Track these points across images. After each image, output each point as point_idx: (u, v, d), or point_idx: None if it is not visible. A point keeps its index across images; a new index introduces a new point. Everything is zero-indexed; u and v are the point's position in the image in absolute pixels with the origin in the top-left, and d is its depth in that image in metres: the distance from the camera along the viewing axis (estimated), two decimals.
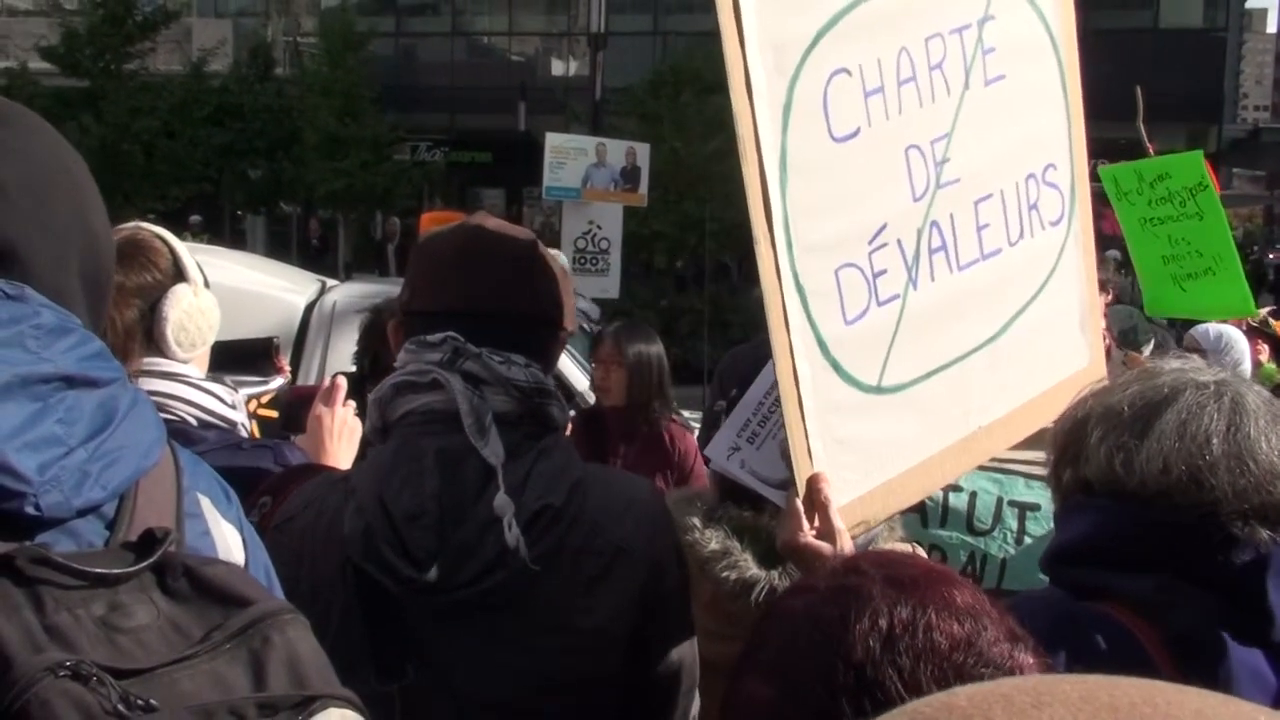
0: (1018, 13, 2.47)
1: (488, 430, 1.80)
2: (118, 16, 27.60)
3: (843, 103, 2.12)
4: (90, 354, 1.24)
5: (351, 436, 2.57)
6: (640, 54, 23.67)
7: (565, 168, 11.75)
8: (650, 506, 1.96)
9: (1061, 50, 2.59)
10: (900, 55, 2.21)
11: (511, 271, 1.93)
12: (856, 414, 2.18)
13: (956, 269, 2.35)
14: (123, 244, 2.24)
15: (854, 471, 2.18)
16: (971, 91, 2.35)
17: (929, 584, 1.17)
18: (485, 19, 35.02)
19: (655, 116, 21.33)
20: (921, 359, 2.29)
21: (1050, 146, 2.59)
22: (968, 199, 2.37)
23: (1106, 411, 1.75)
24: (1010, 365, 2.47)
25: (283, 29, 34.01)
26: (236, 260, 6.58)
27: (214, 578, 1.19)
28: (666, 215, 20.64)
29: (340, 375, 2.74)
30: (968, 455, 2.43)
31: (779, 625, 1.22)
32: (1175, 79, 19.43)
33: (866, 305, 2.19)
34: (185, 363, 2.26)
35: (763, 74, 2.01)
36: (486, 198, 32.79)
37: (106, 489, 1.20)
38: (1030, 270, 2.54)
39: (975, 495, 3.25)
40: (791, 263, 2.06)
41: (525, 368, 1.88)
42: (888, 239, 2.21)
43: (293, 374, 5.26)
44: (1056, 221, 2.60)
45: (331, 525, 1.82)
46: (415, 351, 1.88)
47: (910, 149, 2.25)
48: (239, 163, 28.78)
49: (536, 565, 1.77)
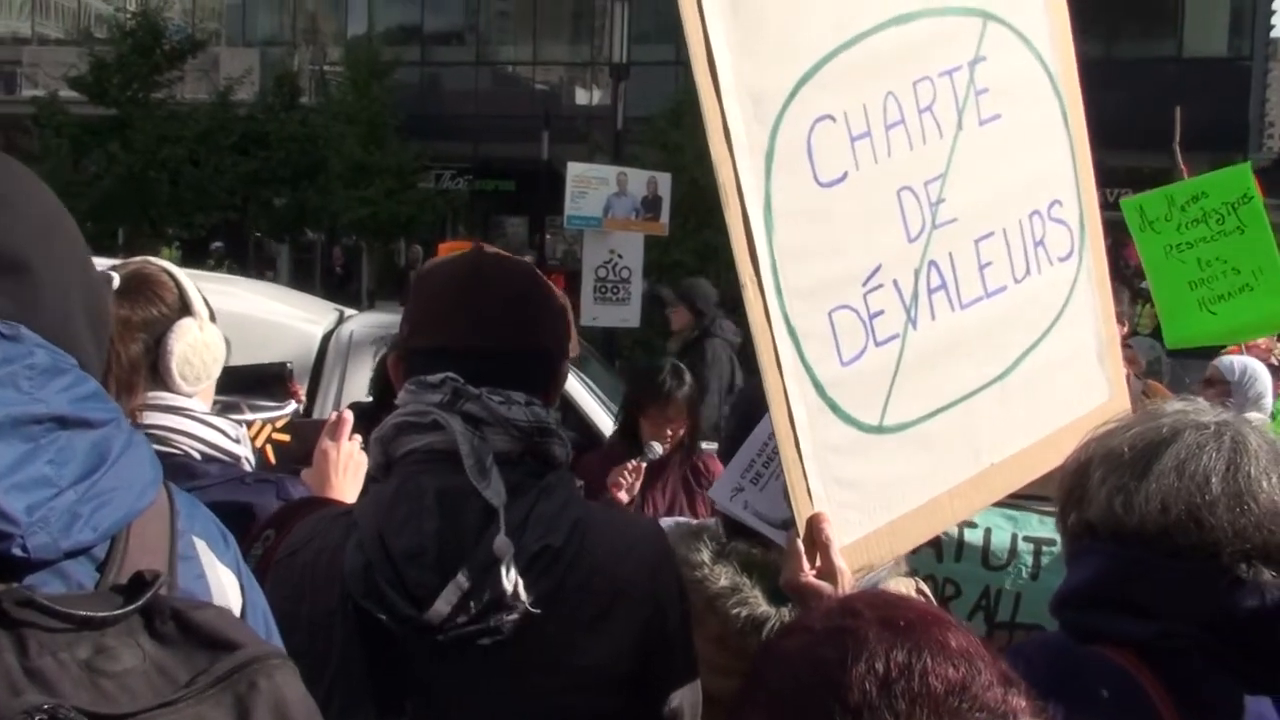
0: (1011, 53, 2.46)
1: (489, 471, 1.79)
2: (146, 46, 27.95)
3: (828, 148, 2.11)
4: (84, 394, 1.23)
5: (357, 470, 2.56)
6: (662, 84, 23.69)
7: (587, 197, 11.77)
8: (652, 546, 1.94)
9: (1062, 88, 2.57)
10: (887, 99, 2.20)
11: (509, 310, 1.91)
12: (857, 454, 2.17)
13: (959, 307, 2.33)
14: (129, 278, 2.25)
15: (857, 511, 2.16)
16: (965, 132, 2.33)
17: (924, 627, 1.17)
18: (509, 48, 35.28)
19: (676, 146, 21.38)
20: (925, 397, 2.27)
21: (1054, 183, 2.57)
22: (967, 238, 2.35)
23: (1108, 454, 1.74)
24: (1022, 401, 2.44)
25: (309, 58, 34.35)
26: (253, 289, 6.60)
27: (203, 622, 1.18)
28: (687, 244, 20.64)
29: (347, 409, 2.73)
30: (979, 493, 2.41)
31: (776, 666, 1.22)
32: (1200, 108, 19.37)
33: (864, 346, 2.17)
34: (190, 396, 2.26)
35: (741, 123, 2.00)
36: (509, 226, 32.97)
37: (97, 531, 1.19)
38: (1040, 306, 2.52)
39: (990, 531, 3.23)
40: (782, 306, 2.04)
41: (526, 406, 1.87)
42: (883, 280, 2.20)
43: (308, 404, 5.26)
44: (1066, 257, 2.57)
45: (333, 560, 1.81)
46: (415, 392, 1.87)
47: (903, 190, 2.23)
48: (264, 190, 29.03)
49: (536, 607, 1.76)
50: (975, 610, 3.18)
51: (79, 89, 28.15)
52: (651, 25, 27.68)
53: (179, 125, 27.77)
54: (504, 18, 35.98)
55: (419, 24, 34.73)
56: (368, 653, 1.77)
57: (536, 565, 1.78)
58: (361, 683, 1.76)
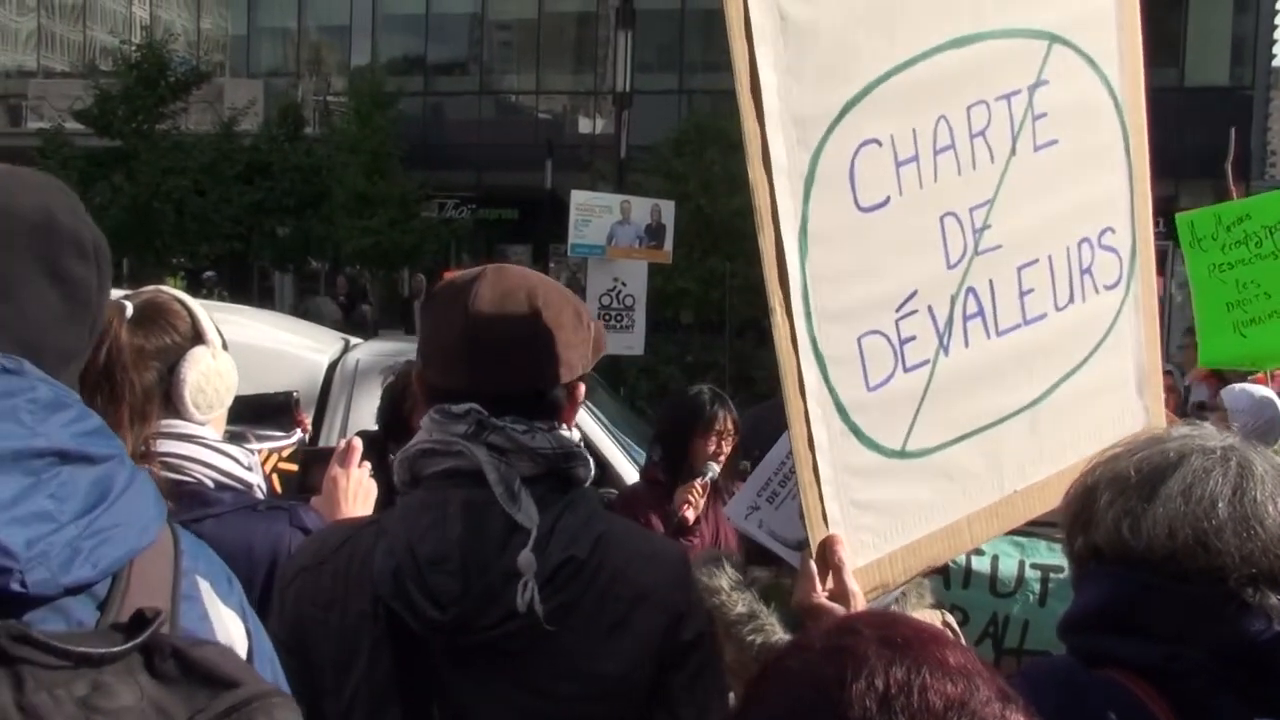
0: (1077, 76, 2.43)
1: (518, 495, 1.83)
2: (151, 78, 28.06)
3: (871, 173, 2.10)
4: (87, 430, 1.23)
5: (367, 498, 2.57)
6: (665, 112, 23.84)
7: (590, 225, 11.78)
8: (673, 559, 1.98)
9: (1127, 112, 2.54)
10: (938, 124, 2.19)
11: (517, 356, 1.91)
12: (877, 478, 2.17)
13: (995, 334, 2.32)
14: (142, 307, 2.26)
15: (873, 534, 2.17)
16: (1019, 158, 2.31)
17: (922, 644, 1.18)
18: (513, 78, 35.43)
19: (680, 174, 21.45)
20: (951, 424, 2.26)
21: (1109, 210, 2.54)
22: (1010, 264, 2.34)
23: (1114, 477, 1.74)
24: (1053, 429, 2.43)
25: (313, 88, 34.49)
26: (259, 318, 6.61)
27: (202, 659, 1.18)
28: (691, 272, 20.70)
29: (357, 436, 2.74)
30: (999, 519, 2.40)
31: (776, 685, 1.23)
32: (1202, 136, 19.40)
33: (892, 372, 2.17)
34: (203, 424, 2.27)
35: (783, 148, 1.99)
36: (513, 254, 32.97)
37: (97, 567, 1.19)
38: (1081, 334, 2.50)
39: (998, 558, 3.24)
40: (810, 330, 2.05)
41: (549, 433, 1.90)
42: (918, 306, 2.19)
43: (314, 432, 5.26)
44: (1113, 285, 2.55)
45: (363, 566, 1.86)
46: (440, 422, 1.90)
47: (946, 216, 2.22)
48: (268, 220, 29.09)
49: (555, 620, 1.79)
50: (983, 637, 3.18)
51: (84, 121, 28.27)
52: (654, 55, 27.83)
53: (183, 156, 27.85)
54: (507, 48, 36.15)
55: (422, 54, 34.90)
56: (396, 655, 1.81)
57: (560, 575, 1.81)
58: (388, 685, 1.81)
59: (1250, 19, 29.42)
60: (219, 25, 38.76)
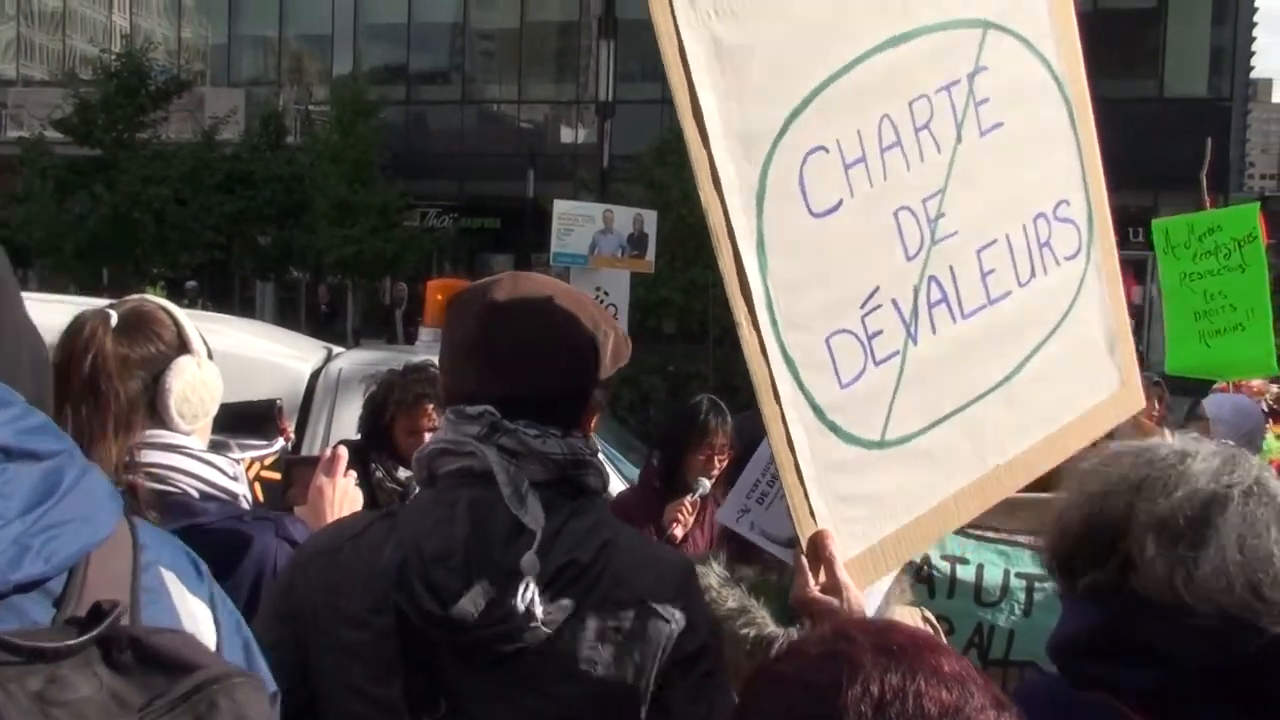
0: (1013, 59, 2.46)
1: (525, 497, 1.85)
2: (131, 87, 27.99)
3: (821, 179, 2.13)
4: (31, 427, 1.22)
5: (352, 507, 2.56)
6: (648, 122, 23.81)
7: (573, 234, 11.77)
8: (678, 569, 1.99)
9: (1068, 88, 2.57)
10: (882, 123, 2.22)
11: (528, 360, 1.94)
12: (860, 470, 2.20)
13: (960, 318, 2.35)
14: (127, 316, 2.25)
15: (862, 525, 2.20)
16: (965, 144, 2.35)
17: (917, 651, 1.19)
18: (495, 87, 35.44)
19: (662, 184, 21.47)
20: (928, 409, 2.30)
21: (1061, 183, 2.58)
22: (969, 249, 2.37)
23: (1157, 521, 1.69)
24: (1029, 401, 2.47)
25: (294, 97, 34.43)
26: (242, 327, 6.58)
27: (160, 646, 1.17)
28: (674, 281, 20.72)
29: (341, 445, 2.73)
30: (985, 494, 2.43)
31: (771, 689, 1.24)
32: (1181, 147, 19.53)
33: (862, 367, 2.20)
34: (188, 434, 2.26)
35: (731, 166, 2.02)
36: (495, 264, 32.97)
37: (50, 562, 1.17)
38: (1046, 306, 2.53)
39: (982, 567, 3.24)
40: (779, 338, 2.08)
41: (561, 439, 1.91)
42: (881, 300, 2.22)
43: (297, 441, 5.24)
44: (1073, 255, 2.58)
45: (374, 558, 1.87)
46: (454, 422, 1.93)
47: (900, 210, 2.26)
48: (249, 229, 29.02)
49: (554, 622, 1.81)
50: (969, 647, 3.18)
51: (64, 130, 28.17)
52: (637, 64, 27.84)
53: (164, 165, 27.79)
54: (489, 57, 36.16)
55: (404, 63, 34.88)
56: (403, 650, 1.83)
57: (562, 578, 1.83)
58: (394, 675, 1.82)
59: (1228, 30, 29.65)
60: (199, 34, 38.69)
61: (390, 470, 4.22)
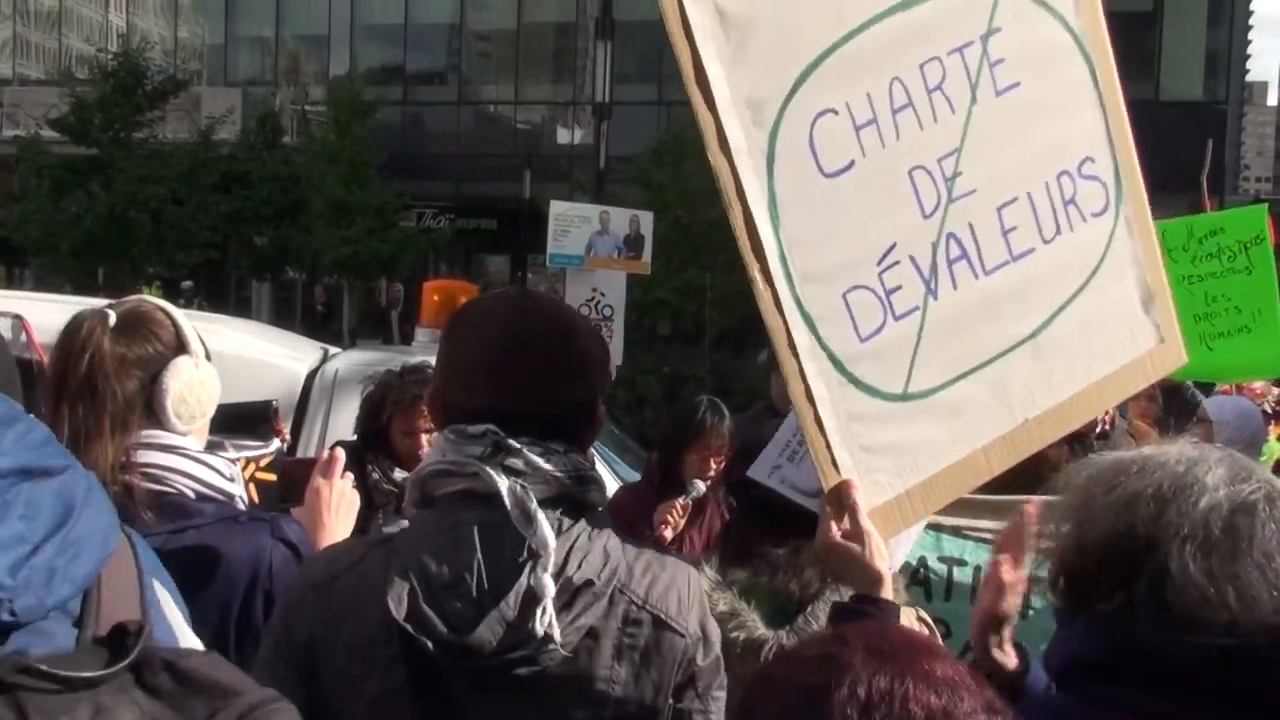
0: (1029, 20, 2.46)
1: (534, 517, 1.81)
2: (128, 86, 27.95)
3: (831, 141, 2.17)
4: (39, 442, 1.22)
5: (349, 509, 2.56)
6: (644, 123, 23.85)
7: (569, 235, 11.78)
8: (691, 584, 1.97)
9: (1090, 46, 2.56)
10: (892, 85, 2.24)
11: (547, 376, 1.91)
12: (883, 422, 2.24)
13: (982, 274, 2.37)
14: (125, 316, 2.25)
15: (887, 475, 2.24)
16: (981, 104, 2.36)
17: (909, 655, 1.20)
18: (492, 88, 35.42)
19: (659, 185, 21.49)
20: (951, 363, 2.33)
21: (1085, 141, 2.57)
22: (988, 206, 2.38)
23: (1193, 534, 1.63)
24: (1059, 356, 2.48)
25: (291, 98, 34.41)
26: (238, 327, 6.57)
27: (194, 670, 1.17)
28: (670, 283, 20.73)
29: (338, 447, 2.73)
30: (1016, 447, 2.44)
31: (766, 691, 1.25)
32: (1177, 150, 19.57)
33: (882, 321, 2.24)
34: (185, 435, 2.26)
35: (740, 131, 2.07)
36: (491, 265, 32.99)
37: (74, 583, 1.18)
38: (1074, 263, 2.53)
39: (979, 569, 3.23)
40: (793, 292, 2.12)
41: (564, 455, 1.89)
42: (898, 257, 2.25)
43: (293, 442, 5.24)
44: (1101, 211, 2.58)
45: (375, 588, 1.83)
46: (455, 442, 1.88)
47: (915, 170, 2.28)
48: (246, 229, 28.99)
49: (570, 645, 1.79)
50: (967, 649, 3.17)
51: (60, 129, 28.12)
52: (633, 66, 27.84)
53: (160, 165, 27.75)
54: (486, 58, 36.15)
55: (401, 64, 34.87)
56: (410, 678, 1.80)
57: (577, 599, 1.81)
58: (401, 708, 1.79)
59: (1224, 34, 29.69)
60: (196, 34, 38.64)
61: (386, 471, 4.21)
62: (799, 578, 2.64)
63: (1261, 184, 60.88)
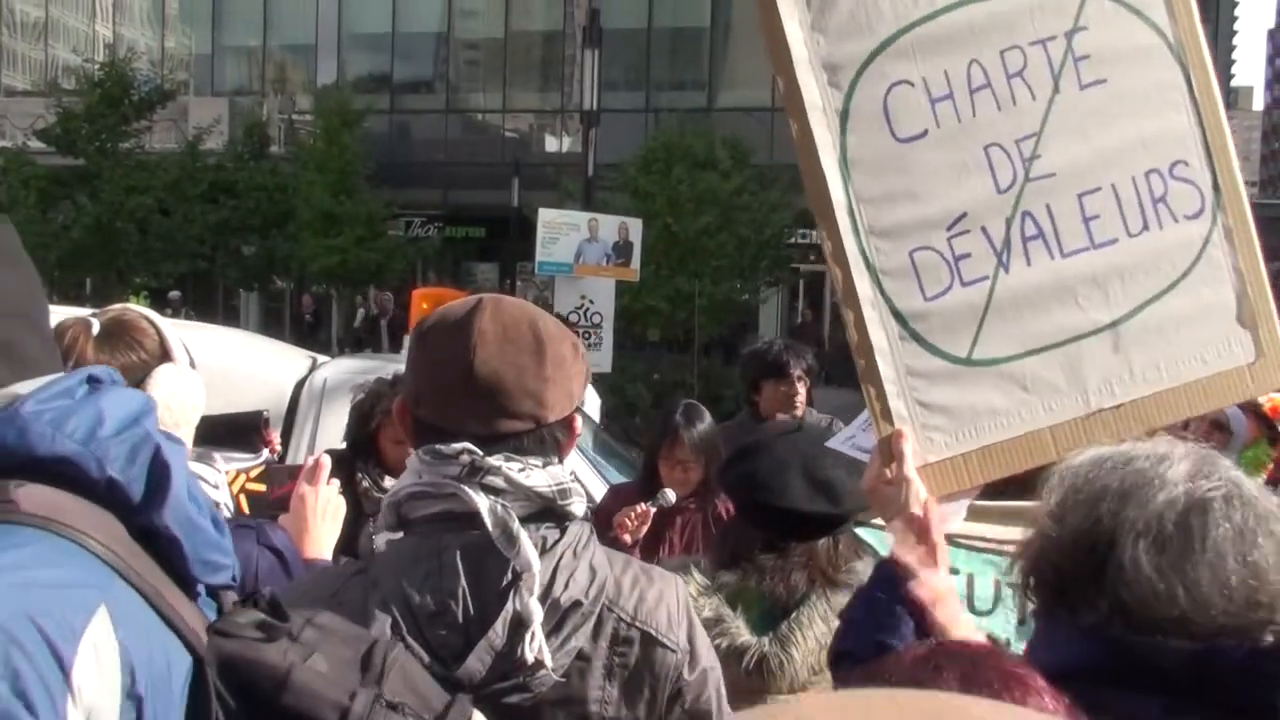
0: (1118, 21, 2.47)
1: (516, 537, 1.76)
2: (114, 97, 27.87)
3: (905, 108, 2.26)
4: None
5: (335, 516, 2.54)
6: (632, 131, 23.89)
7: (558, 243, 11.81)
8: (680, 596, 1.94)
9: (1187, 53, 2.55)
10: (971, 66, 2.31)
11: (522, 395, 1.84)
12: (944, 381, 2.29)
13: (1060, 255, 2.40)
14: (109, 324, 2.24)
15: (942, 434, 2.29)
16: (1064, 95, 2.39)
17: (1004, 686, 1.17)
18: (479, 96, 35.41)
19: (647, 193, 21.50)
20: (1023, 337, 2.36)
21: (1177, 144, 2.55)
22: (1069, 191, 2.41)
23: (1146, 530, 1.63)
24: (1140, 351, 2.47)
25: (278, 107, 34.37)
26: (226, 336, 6.56)
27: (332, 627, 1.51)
28: (659, 290, 20.74)
29: (324, 454, 2.71)
30: (1089, 434, 2.41)
31: None
32: None
33: (949, 284, 2.29)
34: None
35: (815, 89, 2.20)
36: (480, 272, 32.96)
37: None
38: (1164, 260, 2.52)
39: (973, 576, 3.22)
40: (860, 245, 2.23)
41: (543, 469, 1.85)
42: (969, 226, 2.31)
43: (283, 450, 5.22)
44: (1195, 215, 2.56)
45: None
46: (431, 463, 1.82)
47: (991, 146, 2.33)
48: (233, 239, 28.92)
49: (562, 669, 1.76)
50: None
51: (47, 140, 28.04)
52: (621, 73, 27.91)
53: (147, 175, 27.66)
54: (473, 66, 36.16)
55: (388, 73, 34.86)
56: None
57: (566, 623, 1.77)
58: None
59: (1209, 38, 29.80)
60: (183, 44, 38.59)
61: (376, 480, 4.20)
62: (786, 582, 2.64)
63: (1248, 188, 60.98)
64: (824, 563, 2.70)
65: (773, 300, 27.31)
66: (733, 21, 30.99)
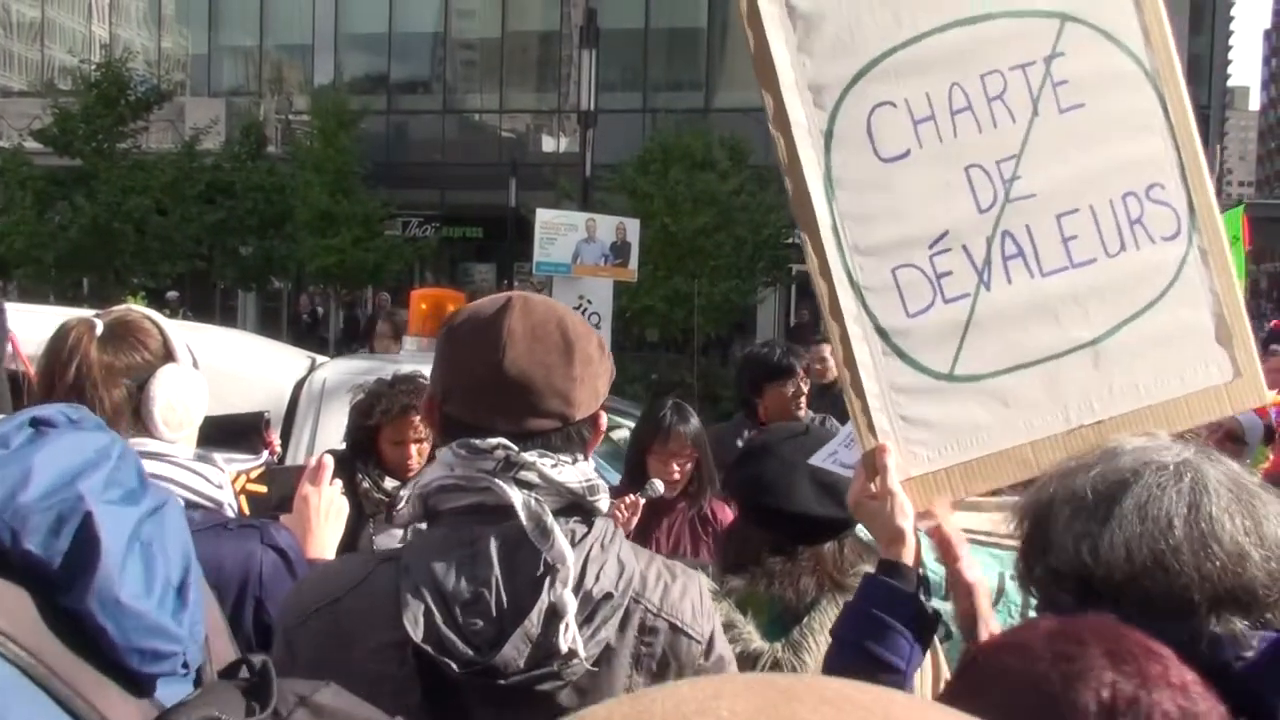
0: (1095, 48, 2.52)
1: (550, 531, 1.80)
2: (111, 97, 27.84)
3: (889, 129, 2.29)
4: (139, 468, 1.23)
5: (338, 516, 2.55)
6: (629, 131, 23.89)
7: (556, 243, 11.78)
8: (703, 591, 1.98)
9: (1162, 82, 2.60)
10: (952, 89, 2.34)
11: (554, 394, 1.88)
12: (926, 397, 2.32)
13: (1040, 274, 2.43)
14: (113, 325, 2.24)
15: (925, 448, 2.31)
16: (1043, 118, 2.43)
17: (1147, 658, 1.19)
18: (476, 97, 35.41)
19: (644, 193, 21.51)
20: (1002, 354, 2.39)
21: (1153, 168, 2.60)
22: (1048, 212, 2.45)
23: (1070, 496, 1.71)
24: (1120, 369, 2.51)
25: (275, 107, 34.35)
26: (224, 336, 6.55)
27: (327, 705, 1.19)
28: (656, 290, 20.75)
29: (327, 454, 2.71)
30: (1068, 450, 2.42)
31: (993, 680, 1.23)
32: None
33: (930, 301, 2.32)
34: (173, 443, 2.24)
35: (801, 110, 2.24)
36: (477, 273, 32.97)
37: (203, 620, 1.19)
38: (1141, 280, 2.57)
39: None
40: (844, 261, 2.26)
41: (573, 465, 1.89)
42: (950, 244, 2.34)
43: (282, 450, 5.21)
44: (1172, 236, 2.60)
45: (384, 605, 1.80)
46: (466, 458, 1.85)
47: (971, 167, 2.36)
48: (230, 240, 28.90)
49: (595, 659, 1.79)
50: None
51: (43, 141, 28.01)
52: (618, 73, 27.90)
53: (144, 176, 27.62)
54: (471, 66, 36.15)
55: (385, 73, 34.85)
56: (428, 699, 1.77)
57: (598, 614, 1.80)
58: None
59: (1206, 39, 29.86)
60: (179, 44, 38.57)
61: (377, 480, 4.20)
62: (795, 586, 2.64)
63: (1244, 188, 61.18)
64: (831, 566, 2.69)
65: (770, 300, 27.34)
66: (730, 22, 30.97)
